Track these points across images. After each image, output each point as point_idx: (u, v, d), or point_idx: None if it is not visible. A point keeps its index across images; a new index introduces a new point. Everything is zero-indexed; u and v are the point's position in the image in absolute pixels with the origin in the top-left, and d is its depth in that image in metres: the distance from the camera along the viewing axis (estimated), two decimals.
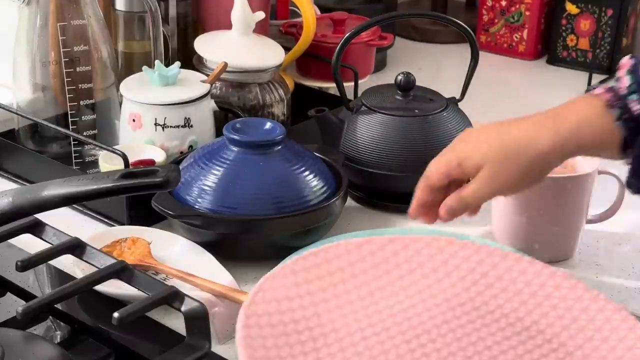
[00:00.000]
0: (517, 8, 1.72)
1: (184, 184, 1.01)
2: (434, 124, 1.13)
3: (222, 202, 0.99)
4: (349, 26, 1.42)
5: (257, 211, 0.98)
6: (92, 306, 0.91)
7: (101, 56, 1.17)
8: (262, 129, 1.04)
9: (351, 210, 1.12)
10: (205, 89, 1.14)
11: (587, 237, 1.06)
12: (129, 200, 1.04)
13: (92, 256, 0.89)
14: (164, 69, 1.13)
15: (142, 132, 1.12)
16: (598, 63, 1.65)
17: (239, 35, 1.23)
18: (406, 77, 1.15)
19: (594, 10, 1.65)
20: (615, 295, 0.98)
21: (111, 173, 0.80)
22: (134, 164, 1.04)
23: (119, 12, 1.25)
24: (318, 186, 1.02)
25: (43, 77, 1.17)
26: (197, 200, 0.99)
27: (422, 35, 1.81)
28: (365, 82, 1.40)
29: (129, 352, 0.86)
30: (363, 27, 1.17)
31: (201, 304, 0.81)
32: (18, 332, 0.84)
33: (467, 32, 1.16)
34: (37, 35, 1.15)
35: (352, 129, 1.14)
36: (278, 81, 1.26)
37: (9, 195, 0.82)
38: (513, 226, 1.03)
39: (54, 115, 1.18)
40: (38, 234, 0.91)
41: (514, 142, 0.83)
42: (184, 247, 0.99)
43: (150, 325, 0.89)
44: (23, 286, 0.93)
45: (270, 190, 1.00)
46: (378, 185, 1.13)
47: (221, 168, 1.01)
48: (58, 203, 0.81)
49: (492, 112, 1.47)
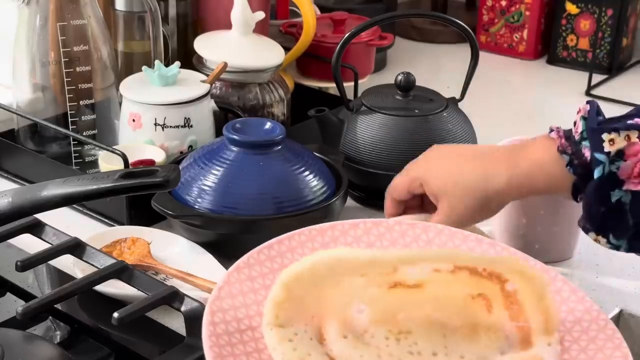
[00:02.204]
0: (517, 8, 1.72)
1: (184, 184, 1.01)
2: (434, 124, 1.13)
3: (222, 202, 0.99)
4: (349, 26, 1.42)
5: (257, 211, 0.98)
6: (92, 306, 0.91)
7: (101, 56, 1.17)
8: (262, 129, 1.04)
9: (351, 210, 1.12)
10: (205, 89, 1.14)
11: (587, 237, 1.06)
12: (129, 200, 1.04)
13: (92, 256, 0.89)
14: (164, 69, 1.13)
15: (142, 132, 1.12)
16: (598, 63, 1.65)
17: (239, 35, 1.23)
18: (406, 77, 1.15)
19: (594, 10, 1.65)
20: (615, 295, 0.98)
21: (111, 173, 0.80)
22: (133, 164, 1.04)
23: (119, 12, 1.25)
24: (318, 186, 1.02)
25: (43, 77, 1.17)
26: (197, 200, 0.99)
27: (422, 35, 1.81)
28: (365, 82, 1.40)
29: (128, 352, 0.86)
30: (363, 27, 1.17)
31: (201, 304, 0.81)
32: (18, 332, 0.84)
33: (467, 32, 1.16)
34: (37, 35, 1.15)
35: (352, 129, 1.14)
36: (278, 81, 1.26)
37: (9, 195, 0.82)
38: (513, 226, 1.03)
39: (53, 115, 1.18)
40: (38, 234, 0.91)
41: (470, 180, 0.86)
42: (184, 247, 0.99)
43: (150, 325, 0.89)
44: (23, 286, 0.93)
45: (270, 190, 1.00)
46: (378, 185, 1.13)
47: (221, 168, 1.01)
48: (58, 203, 0.81)
49: (492, 112, 1.48)
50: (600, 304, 0.96)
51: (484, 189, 0.85)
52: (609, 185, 0.78)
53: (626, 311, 0.97)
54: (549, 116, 1.49)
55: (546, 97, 1.58)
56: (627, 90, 1.59)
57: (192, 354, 0.80)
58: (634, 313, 0.97)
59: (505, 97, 1.58)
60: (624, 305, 0.97)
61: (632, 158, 0.77)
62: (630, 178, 0.78)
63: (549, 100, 1.57)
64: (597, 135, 0.78)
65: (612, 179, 0.78)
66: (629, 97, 1.54)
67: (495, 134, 1.25)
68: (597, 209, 0.79)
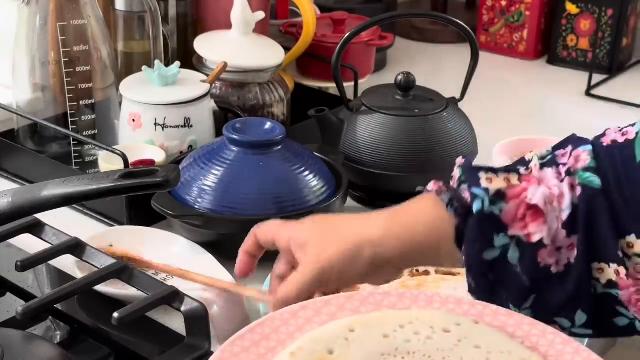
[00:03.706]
0: (517, 8, 1.72)
1: (184, 184, 1.01)
2: (434, 124, 1.13)
3: (223, 202, 0.99)
4: (349, 26, 1.42)
5: (257, 211, 0.98)
6: (92, 306, 0.91)
7: (101, 56, 1.17)
8: (262, 129, 1.04)
9: (351, 210, 1.12)
10: (205, 89, 1.14)
11: None
12: (129, 200, 1.04)
13: (92, 256, 0.89)
14: (164, 69, 1.13)
15: (142, 132, 1.12)
16: (598, 63, 1.65)
17: (239, 35, 1.23)
18: (406, 77, 1.15)
19: (594, 10, 1.65)
20: None
21: (111, 173, 0.80)
22: (133, 164, 1.04)
23: (119, 12, 1.25)
24: (318, 186, 1.02)
25: (43, 77, 1.17)
26: (197, 200, 0.99)
27: (422, 35, 1.81)
28: (365, 82, 1.40)
29: (129, 352, 0.86)
30: (363, 27, 1.17)
31: (201, 304, 0.81)
32: (18, 332, 0.84)
33: (467, 32, 1.16)
34: (37, 35, 1.15)
35: (352, 129, 1.14)
36: (278, 81, 1.26)
37: (9, 195, 0.82)
38: None
39: (53, 115, 1.18)
40: (38, 234, 0.91)
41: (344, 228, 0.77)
42: (184, 247, 0.99)
43: (150, 325, 0.89)
44: (23, 286, 0.93)
45: (270, 190, 0.99)
46: (378, 185, 1.13)
47: (221, 168, 1.01)
48: (58, 203, 0.81)
49: (492, 112, 1.48)
50: None
51: (358, 235, 0.76)
52: (492, 227, 0.70)
53: None
54: (549, 116, 1.49)
55: (546, 97, 1.58)
56: (627, 90, 1.59)
57: (192, 354, 0.80)
58: None
59: (505, 97, 1.58)
60: None
61: (515, 200, 0.70)
62: (515, 221, 0.70)
63: (549, 100, 1.57)
64: (474, 174, 0.72)
65: (495, 220, 0.70)
66: (629, 97, 1.54)
67: (495, 134, 1.25)
68: (480, 254, 0.71)
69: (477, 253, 0.71)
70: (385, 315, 0.69)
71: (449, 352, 0.66)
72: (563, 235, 0.69)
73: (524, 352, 0.66)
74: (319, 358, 0.65)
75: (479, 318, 0.70)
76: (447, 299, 0.72)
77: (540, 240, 0.69)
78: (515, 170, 0.73)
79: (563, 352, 0.67)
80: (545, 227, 0.69)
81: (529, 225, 0.69)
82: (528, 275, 0.70)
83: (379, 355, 0.66)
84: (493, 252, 0.70)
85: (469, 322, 0.68)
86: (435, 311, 0.70)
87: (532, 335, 0.68)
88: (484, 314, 0.70)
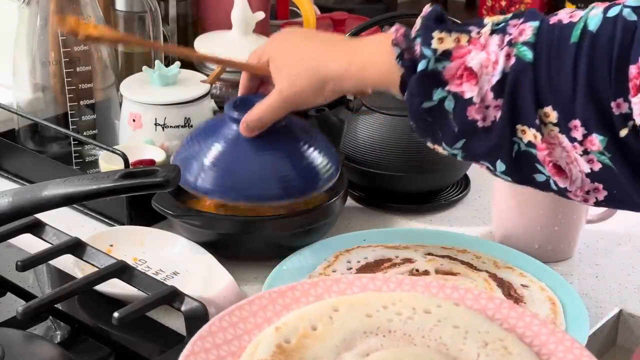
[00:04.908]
0: (517, 8, 1.72)
1: (184, 162, 0.99)
2: None
3: (225, 181, 0.97)
4: (349, 26, 1.42)
5: (261, 190, 0.97)
6: (92, 306, 0.91)
7: (101, 56, 1.17)
8: None
9: (351, 210, 1.12)
10: (205, 89, 1.14)
11: (587, 237, 1.06)
12: (129, 200, 1.04)
13: (92, 256, 0.89)
14: (164, 69, 1.13)
15: (142, 132, 1.12)
16: None
17: (239, 35, 1.24)
18: None
19: None
20: (615, 295, 0.98)
21: (111, 173, 0.81)
22: (134, 164, 1.04)
23: (119, 12, 1.25)
24: (323, 162, 1.01)
25: (43, 77, 1.17)
26: (199, 180, 0.97)
27: None
28: None
29: (129, 352, 0.86)
30: (363, 27, 1.17)
31: (201, 304, 0.82)
32: (18, 332, 0.84)
33: None
34: (37, 35, 1.15)
35: (352, 129, 1.14)
36: None
37: (9, 195, 0.82)
38: (513, 226, 1.03)
39: (54, 115, 1.18)
40: (38, 234, 0.91)
41: (310, 59, 0.91)
42: (184, 247, 0.99)
43: (150, 325, 0.89)
44: (23, 286, 0.93)
45: (274, 168, 0.98)
46: (378, 185, 1.13)
47: (222, 147, 0.98)
48: (58, 203, 0.81)
49: None
50: (600, 304, 0.97)
51: (317, 75, 0.89)
52: (433, 82, 0.79)
53: (626, 311, 0.97)
54: None
55: None
56: None
57: None
58: (633, 313, 0.97)
59: None
60: (624, 305, 0.97)
61: (458, 60, 0.78)
62: (454, 79, 0.78)
63: None
64: (428, 33, 0.80)
65: (436, 77, 0.79)
66: None
67: None
68: (419, 105, 0.80)
69: (417, 104, 0.80)
70: (369, 297, 0.72)
71: (428, 332, 0.69)
72: (490, 97, 0.77)
73: (500, 333, 0.69)
74: (303, 333, 0.67)
75: (460, 301, 0.72)
76: (431, 283, 0.75)
77: (470, 98, 0.77)
78: (468, 32, 0.81)
79: (539, 334, 0.70)
80: (477, 87, 0.77)
81: (463, 84, 0.78)
82: (458, 124, 0.79)
83: (361, 333, 0.68)
84: (431, 103, 0.79)
85: (449, 304, 0.71)
86: (418, 294, 0.73)
87: (511, 317, 0.72)
88: (465, 298, 0.73)
